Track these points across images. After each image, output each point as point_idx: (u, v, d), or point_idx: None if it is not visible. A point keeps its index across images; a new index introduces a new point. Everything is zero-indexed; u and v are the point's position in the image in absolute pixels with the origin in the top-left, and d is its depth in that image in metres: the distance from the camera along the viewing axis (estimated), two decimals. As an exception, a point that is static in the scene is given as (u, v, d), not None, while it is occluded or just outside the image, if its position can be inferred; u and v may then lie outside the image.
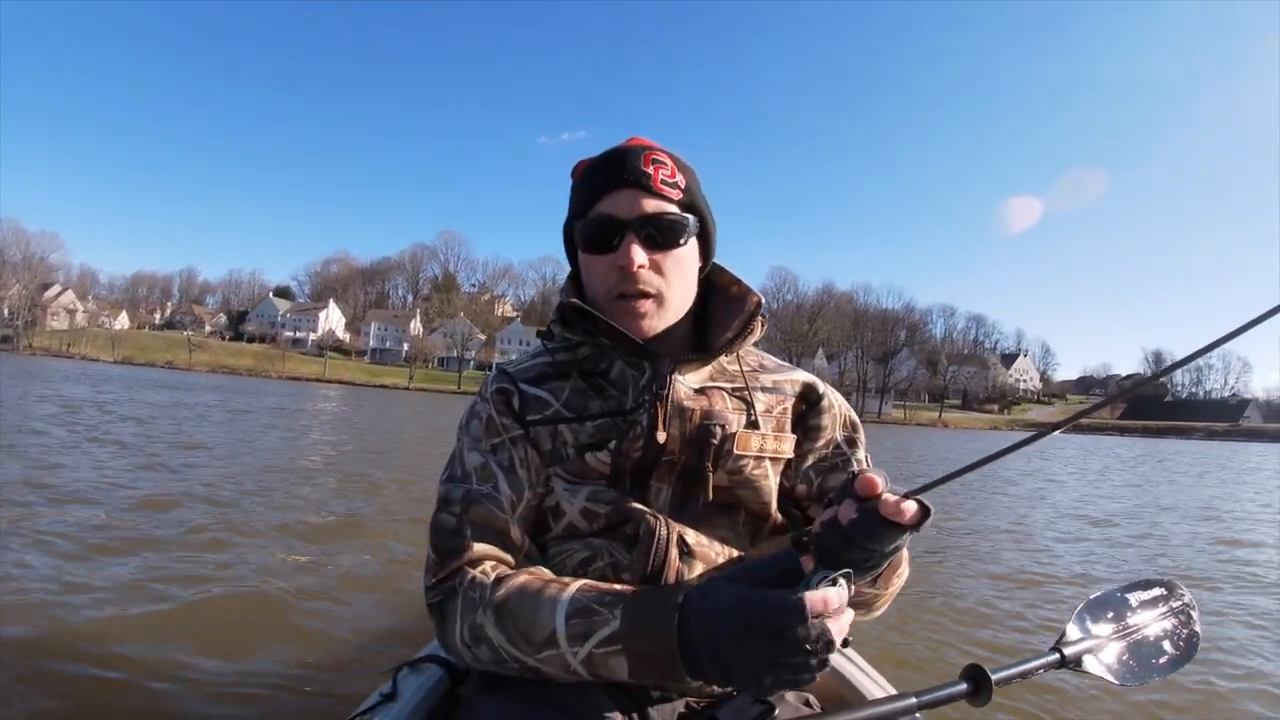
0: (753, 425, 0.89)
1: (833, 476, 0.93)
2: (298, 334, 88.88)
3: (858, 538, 0.62)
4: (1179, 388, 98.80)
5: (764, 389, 0.93)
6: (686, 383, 0.88)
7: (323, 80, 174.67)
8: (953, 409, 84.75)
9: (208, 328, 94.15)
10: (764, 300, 0.94)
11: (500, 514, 0.83)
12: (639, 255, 0.84)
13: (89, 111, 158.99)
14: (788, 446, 0.92)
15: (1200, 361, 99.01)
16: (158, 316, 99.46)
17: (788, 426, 0.93)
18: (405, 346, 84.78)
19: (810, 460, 0.94)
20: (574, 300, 0.88)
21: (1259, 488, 12.50)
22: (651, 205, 0.85)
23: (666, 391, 0.85)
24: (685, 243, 0.88)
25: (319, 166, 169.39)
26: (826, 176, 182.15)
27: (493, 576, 0.77)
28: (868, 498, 0.62)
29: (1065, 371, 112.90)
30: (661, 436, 0.84)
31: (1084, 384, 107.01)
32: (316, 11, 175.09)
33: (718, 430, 0.86)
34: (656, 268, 0.86)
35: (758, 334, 0.93)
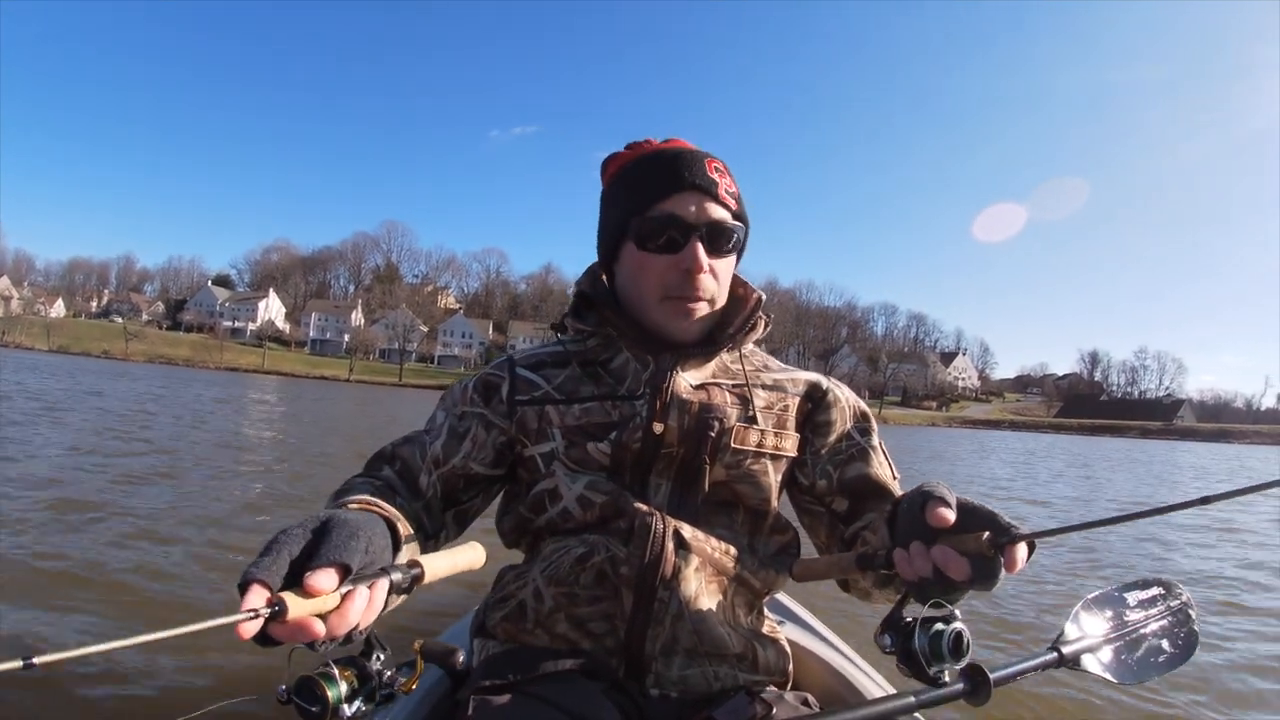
0: (751, 420, 0.90)
1: (851, 467, 0.93)
2: (236, 324, 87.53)
3: (972, 586, 0.62)
4: (1114, 387, 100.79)
5: (764, 386, 0.94)
6: (687, 378, 0.90)
7: (269, 65, 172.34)
8: (892, 405, 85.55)
9: (145, 316, 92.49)
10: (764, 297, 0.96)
11: (418, 462, 0.88)
12: (705, 260, 0.85)
13: (23, 90, 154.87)
14: (789, 444, 0.92)
15: (1135, 362, 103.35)
16: (94, 304, 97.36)
17: (790, 425, 0.93)
18: (346, 338, 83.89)
19: (826, 455, 0.94)
20: (583, 292, 0.93)
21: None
22: (717, 213, 0.86)
23: (667, 385, 0.87)
24: (736, 251, 0.91)
25: (261, 152, 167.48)
26: (773, 175, 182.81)
27: (358, 481, 0.84)
28: (942, 529, 0.62)
29: (1003, 370, 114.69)
30: (658, 428, 0.85)
31: (1021, 382, 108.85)
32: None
33: (715, 424, 0.87)
34: (713, 273, 0.88)
35: (760, 330, 0.95)
